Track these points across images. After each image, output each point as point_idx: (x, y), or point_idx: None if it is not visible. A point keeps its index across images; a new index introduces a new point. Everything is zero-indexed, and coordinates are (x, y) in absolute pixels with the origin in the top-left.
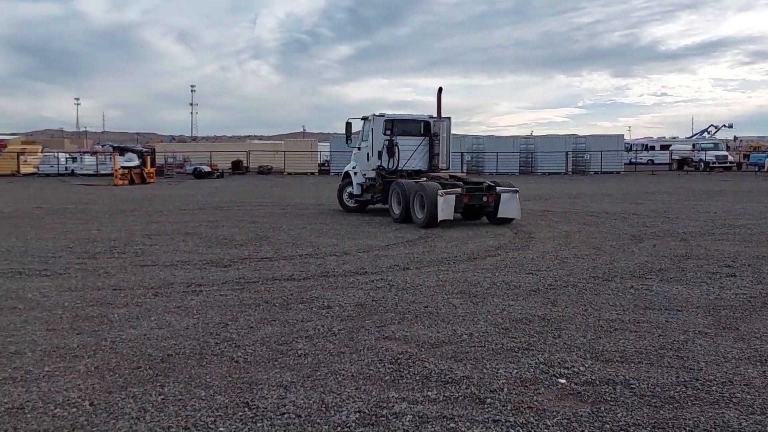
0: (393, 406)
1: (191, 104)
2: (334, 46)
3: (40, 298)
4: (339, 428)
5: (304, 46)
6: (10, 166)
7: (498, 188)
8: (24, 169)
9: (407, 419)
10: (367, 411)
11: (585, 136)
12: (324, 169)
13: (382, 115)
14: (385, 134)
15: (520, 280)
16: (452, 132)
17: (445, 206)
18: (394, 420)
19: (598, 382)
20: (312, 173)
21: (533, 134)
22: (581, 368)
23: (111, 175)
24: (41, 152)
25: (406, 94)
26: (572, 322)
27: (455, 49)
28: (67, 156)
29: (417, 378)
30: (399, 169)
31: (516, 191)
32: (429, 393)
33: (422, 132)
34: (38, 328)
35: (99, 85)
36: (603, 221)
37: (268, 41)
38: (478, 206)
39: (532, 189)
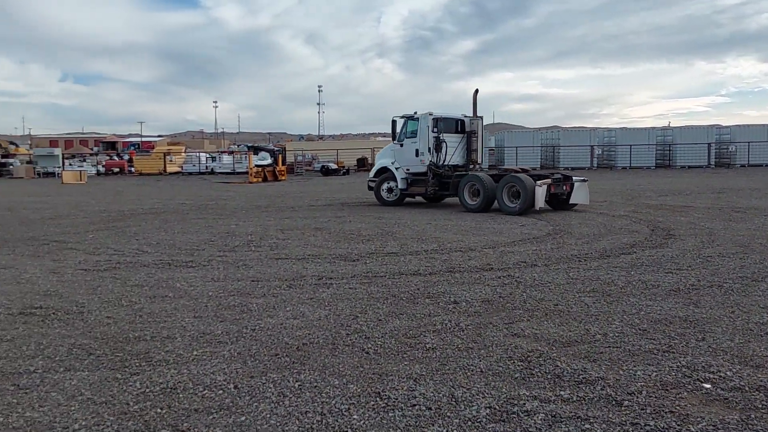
0: (524, 403)
1: (318, 104)
2: (457, 41)
3: (187, 288)
4: (470, 423)
5: (427, 42)
6: (157, 166)
7: (573, 178)
8: (170, 169)
9: (539, 417)
10: (497, 407)
11: (729, 127)
12: None
13: (431, 114)
14: (433, 132)
15: (659, 279)
16: (581, 125)
17: (541, 195)
18: (525, 418)
19: (747, 389)
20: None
21: (671, 125)
22: (728, 373)
23: (246, 173)
24: (184, 153)
25: (532, 87)
26: (718, 325)
27: (585, 37)
28: (207, 156)
29: (548, 377)
30: (444, 164)
31: (585, 180)
32: (561, 392)
33: (459, 130)
34: (186, 315)
35: (235, 88)
36: (751, 217)
37: (391, 39)
38: (558, 194)
39: (670, 183)
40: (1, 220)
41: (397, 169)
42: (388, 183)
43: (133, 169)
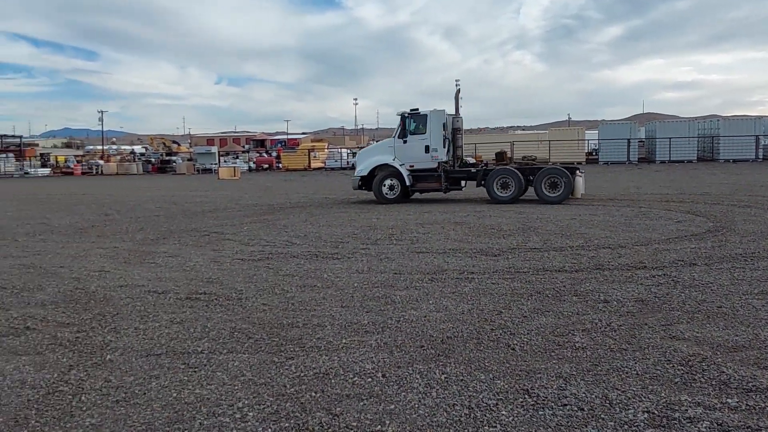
0: (686, 410)
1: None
2: (602, 28)
3: (334, 279)
4: (626, 426)
5: (570, 31)
6: (302, 162)
7: (578, 171)
8: (313, 164)
9: (704, 425)
10: (656, 412)
11: None
12: (592, 158)
13: (442, 110)
14: (443, 129)
15: None
16: (744, 114)
17: (581, 184)
18: (687, 424)
19: None
20: (579, 162)
21: None
22: None
23: None
24: (327, 149)
25: (685, 73)
26: None
27: (746, 19)
28: (348, 151)
29: (713, 383)
30: (454, 159)
31: (583, 173)
32: (728, 400)
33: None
34: (334, 305)
35: (374, 85)
36: None
37: (532, 30)
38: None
39: None
40: (168, 213)
41: (401, 165)
42: (390, 180)
43: (280, 165)
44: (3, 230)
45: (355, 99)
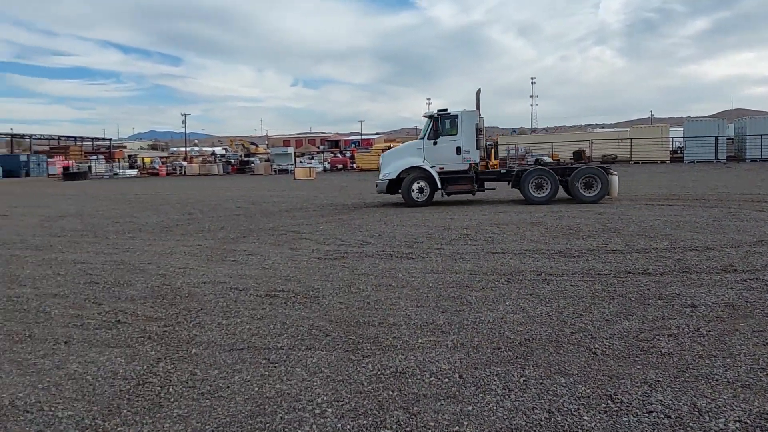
0: None
1: (531, 96)
2: (687, 22)
3: (409, 278)
4: None
5: (652, 25)
6: (376, 162)
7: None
8: None
9: None
10: (749, 422)
11: None
12: (676, 157)
13: (474, 111)
14: (476, 130)
15: None
16: None
17: (617, 184)
18: None
19: None
20: (663, 161)
21: None
22: None
23: None
24: None
25: None
26: None
27: None
28: None
29: None
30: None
31: (616, 174)
32: None
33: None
34: (409, 304)
35: (447, 84)
36: None
37: (611, 24)
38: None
39: None
40: (247, 212)
41: (431, 167)
42: (419, 183)
43: (354, 165)
44: (95, 228)
45: (428, 98)
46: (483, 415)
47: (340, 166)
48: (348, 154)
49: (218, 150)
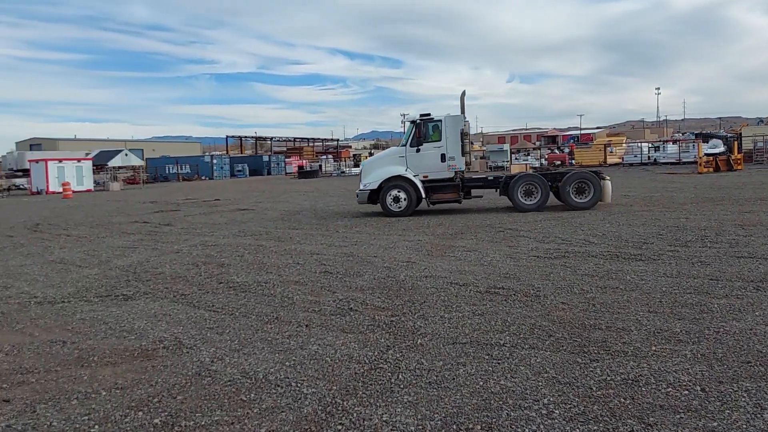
0: None
1: None
2: None
3: (638, 281)
4: None
5: None
6: (597, 157)
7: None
8: (610, 160)
9: None
10: None
11: None
12: None
13: (459, 116)
14: (461, 135)
15: None
16: None
17: (610, 190)
18: None
19: None
20: None
21: None
22: None
23: (694, 162)
24: (625, 143)
25: None
26: None
27: None
28: (649, 146)
29: None
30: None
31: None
32: None
33: None
34: (639, 309)
35: (679, 72)
36: None
37: None
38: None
39: None
40: (463, 209)
41: (414, 176)
42: (398, 192)
43: (573, 161)
44: (326, 222)
45: (657, 88)
46: None
47: (558, 162)
48: (566, 150)
49: None
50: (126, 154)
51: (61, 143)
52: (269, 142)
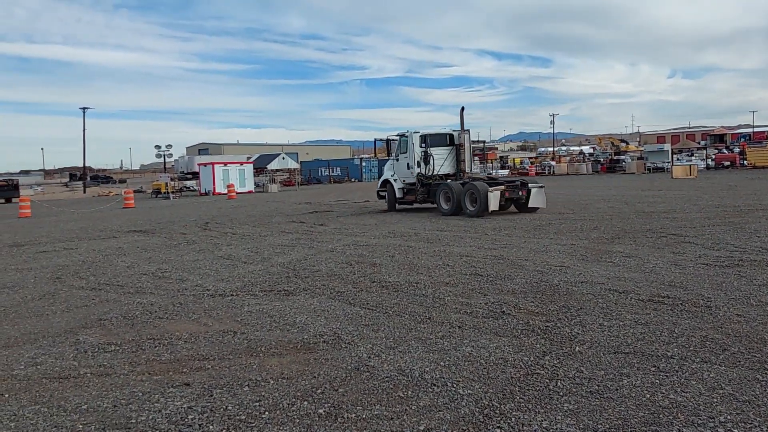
0: None
1: None
2: None
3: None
4: None
5: None
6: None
7: (529, 184)
8: None
9: None
10: None
11: None
12: None
13: (417, 132)
14: (421, 147)
15: None
16: None
17: (494, 200)
18: None
19: None
20: None
21: None
22: None
23: None
24: None
25: None
26: None
27: None
28: None
29: None
30: (433, 174)
31: (542, 186)
32: None
33: (448, 143)
34: None
35: None
36: None
37: None
38: (516, 199)
39: None
40: (620, 213)
41: (395, 180)
42: (383, 192)
43: (745, 162)
44: (474, 224)
45: None
46: None
47: (728, 162)
48: (737, 150)
49: (586, 149)
50: (283, 158)
51: (225, 148)
52: None
